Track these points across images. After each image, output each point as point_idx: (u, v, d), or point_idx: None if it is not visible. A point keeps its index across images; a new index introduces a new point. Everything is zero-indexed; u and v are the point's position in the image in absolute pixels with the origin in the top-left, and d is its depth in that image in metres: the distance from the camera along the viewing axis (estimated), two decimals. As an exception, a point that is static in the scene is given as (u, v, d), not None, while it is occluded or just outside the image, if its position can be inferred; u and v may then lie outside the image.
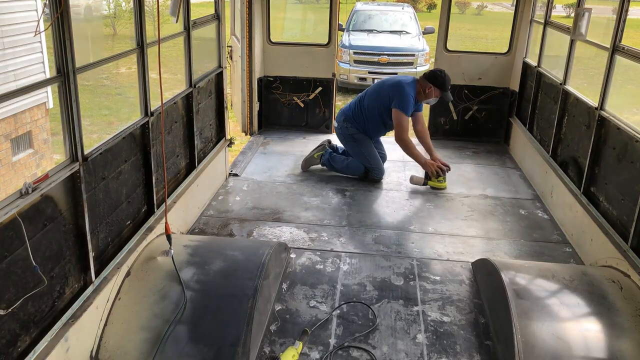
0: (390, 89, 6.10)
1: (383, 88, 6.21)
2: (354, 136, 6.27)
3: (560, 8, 22.12)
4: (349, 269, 4.47)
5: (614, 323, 3.48)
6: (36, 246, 2.86)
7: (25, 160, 9.45)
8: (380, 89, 6.23)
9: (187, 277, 3.70)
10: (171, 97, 4.61)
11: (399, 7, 16.70)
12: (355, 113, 6.30)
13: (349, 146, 6.36)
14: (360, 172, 6.26)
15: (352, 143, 6.30)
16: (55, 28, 2.95)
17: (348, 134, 6.30)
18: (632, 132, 4.15)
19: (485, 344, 3.66)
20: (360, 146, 6.24)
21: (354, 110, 6.32)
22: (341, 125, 6.37)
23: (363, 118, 6.25)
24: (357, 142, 6.25)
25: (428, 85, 6.05)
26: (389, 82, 6.27)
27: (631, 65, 4.46)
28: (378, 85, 6.34)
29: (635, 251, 3.90)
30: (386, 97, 6.09)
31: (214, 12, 5.55)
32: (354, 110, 6.32)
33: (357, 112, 6.29)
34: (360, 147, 6.24)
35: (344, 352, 3.55)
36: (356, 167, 6.27)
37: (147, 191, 4.19)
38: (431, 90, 6.07)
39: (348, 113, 6.35)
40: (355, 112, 6.31)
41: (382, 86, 6.26)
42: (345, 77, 13.73)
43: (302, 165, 6.51)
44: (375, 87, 6.37)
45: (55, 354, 2.92)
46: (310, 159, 6.49)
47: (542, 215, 5.53)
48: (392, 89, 6.08)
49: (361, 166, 6.24)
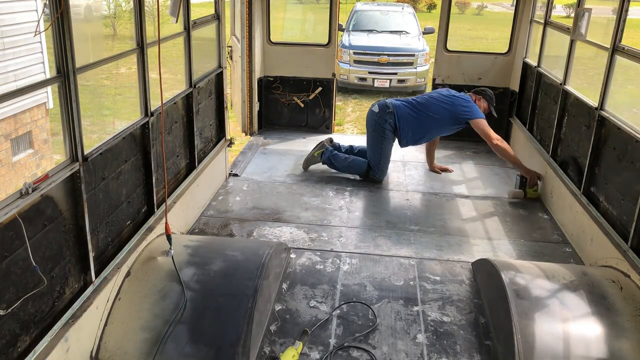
0: (461, 106, 6.04)
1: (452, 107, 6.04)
2: (385, 132, 6.09)
3: (560, 8, 22.12)
4: (349, 269, 4.47)
5: (614, 323, 3.48)
6: (36, 246, 2.86)
7: (26, 160, 9.46)
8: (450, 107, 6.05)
9: (187, 277, 3.70)
10: (171, 97, 4.62)
11: (399, 7, 16.70)
12: (407, 118, 6.07)
13: (373, 137, 6.17)
14: (362, 171, 6.19)
15: (378, 136, 6.12)
16: (55, 28, 2.95)
17: (382, 127, 6.09)
18: (632, 132, 4.15)
19: (486, 344, 3.66)
20: (384, 143, 6.11)
21: (407, 114, 6.08)
22: (381, 115, 6.09)
23: (418, 128, 6.09)
24: (384, 139, 6.11)
25: (478, 97, 6.25)
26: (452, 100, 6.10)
27: (631, 65, 4.46)
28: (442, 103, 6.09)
29: (635, 251, 3.90)
30: (460, 114, 6.01)
31: (214, 12, 5.55)
32: (406, 114, 6.08)
33: (410, 119, 6.08)
34: (383, 145, 6.11)
35: (344, 352, 3.55)
36: (358, 166, 6.20)
37: (147, 191, 4.19)
38: (481, 102, 6.23)
39: (399, 111, 6.08)
40: (408, 117, 6.08)
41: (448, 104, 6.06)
42: (345, 77, 13.73)
43: (303, 165, 6.47)
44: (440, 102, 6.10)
45: (55, 354, 2.92)
46: (310, 158, 6.45)
47: (542, 215, 5.53)
48: (462, 105, 6.04)
49: (363, 165, 6.16)
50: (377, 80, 13.68)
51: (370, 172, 6.16)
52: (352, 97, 13.96)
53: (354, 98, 13.87)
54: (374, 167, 6.14)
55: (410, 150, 7.36)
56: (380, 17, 15.80)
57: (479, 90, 6.36)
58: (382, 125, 6.09)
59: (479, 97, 6.26)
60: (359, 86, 13.96)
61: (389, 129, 6.10)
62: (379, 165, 6.13)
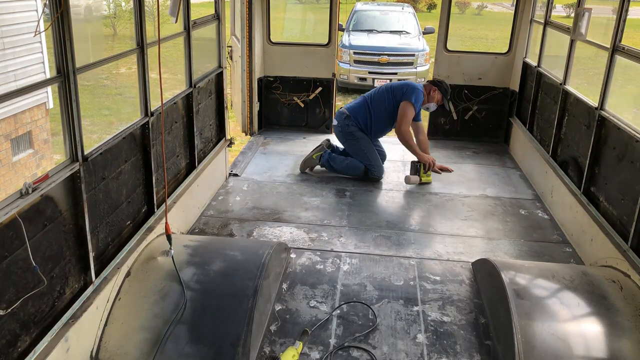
0: (404, 85, 6.26)
1: (395, 87, 6.30)
2: (354, 134, 6.27)
3: (560, 8, 22.12)
4: (349, 269, 4.47)
5: (614, 323, 3.48)
6: (36, 246, 2.86)
7: (26, 160, 9.46)
8: (392, 88, 6.31)
9: (187, 277, 3.70)
10: (171, 97, 4.62)
11: (399, 7, 16.69)
12: (360, 111, 6.31)
13: (349, 144, 6.35)
14: (360, 172, 6.25)
15: (352, 141, 6.30)
16: (55, 28, 2.95)
17: (348, 132, 6.29)
18: (632, 132, 4.15)
19: (486, 344, 3.66)
20: (360, 144, 6.26)
21: (359, 108, 6.33)
22: (341, 123, 6.33)
23: (369, 116, 6.27)
24: (357, 140, 6.26)
25: (433, 88, 6.34)
26: (400, 82, 6.41)
27: (631, 65, 4.46)
28: (388, 86, 6.40)
29: (635, 251, 3.90)
30: (399, 93, 6.19)
31: (214, 12, 5.55)
32: (358, 109, 6.33)
33: (362, 110, 6.30)
34: (360, 145, 6.25)
35: (344, 352, 3.55)
36: (356, 167, 6.27)
37: (147, 191, 4.19)
38: (435, 94, 6.32)
39: (351, 111, 6.34)
40: (360, 110, 6.31)
41: (393, 86, 6.35)
42: (345, 77, 13.73)
43: (301, 167, 6.47)
44: (385, 87, 6.40)
45: (55, 354, 2.92)
46: (309, 160, 6.46)
47: (542, 215, 5.53)
48: (405, 85, 6.25)
49: (361, 166, 6.23)
50: (377, 80, 13.67)
51: (368, 173, 6.25)
52: (352, 97, 13.95)
53: (354, 98, 13.73)
54: (369, 168, 6.23)
55: (410, 150, 7.36)
56: (380, 17, 15.79)
57: (436, 82, 6.45)
58: (347, 131, 6.30)
59: (434, 88, 6.36)
60: (359, 86, 13.95)
61: (355, 129, 6.28)
62: (372, 164, 6.23)
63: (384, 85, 6.51)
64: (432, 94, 6.32)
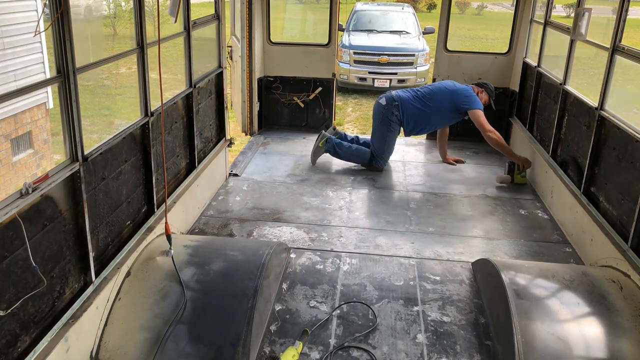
0: (464, 92, 6.41)
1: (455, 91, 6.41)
2: (392, 124, 6.42)
3: (560, 8, 22.12)
4: (349, 269, 4.47)
5: (614, 323, 3.48)
6: (36, 246, 2.86)
7: (26, 160, 9.46)
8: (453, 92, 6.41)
9: (187, 277, 3.70)
10: (171, 97, 4.62)
11: (399, 7, 16.69)
12: (410, 104, 6.39)
13: (380, 128, 6.48)
14: (365, 160, 6.47)
15: (385, 128, 6.44)
16: (55, 28, 2.95)
17: (388, 119, 6.41)
18: (632, 132, 4.15)
19: (486, 344, 3.66)
20: (389, 135, 6.45)
21: (411, 101, 6.40)
22: (388, 108, 6.41)
23: (419, 112, 6.38)
24: (390, 131, 6.44)
25: (480, 89, 6.60)
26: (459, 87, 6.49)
27: (631, 65, 4.46)
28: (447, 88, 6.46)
29: (635, 251, 3.90)
30: (459, 99, 6.35)
31: (214, 12, 5.55)
32: (410, 101, 6.40)
33: (413, 105, 6.39)
34: (388, 136, 6.45)
35: (344, 352, 3.55)
36: (362, 155, 6.49)
37: (147, 191, 4.19)
38: (483, 95, 6.58)
39: (403, 102, 6.40)
40: (411, 103, 6.39)
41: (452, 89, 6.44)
42: (345, 77, 13.73)
43: (312, 160, 6.63)
44: (445, 88, 6.47)
45: (55, 354, 2.92)
46: (316, 150, 6.60)
47: (542, 215, 5.53)
48: (465, 92, 6.41)
49: (367, 154, 6.45)
50: (377, 80, 13.68)
51: (373, 161, 6.45)
52: (352, 97, 13.97)
53: (354, 98, 13.87)
54: (377, 157, 6.44)
55: (410, 150, 7.37)
56: (380, 17, 15.80)
57: (481, 83, 6.70)
58: (388, 118, 6.41)
59: (482, 90, 6.60)
60: (359, 86, 13.96)
61: (395, 122, 6.42)
62: (382, 155, 6.45)
63: (441, 84, 6.60)
64: (480, 96, 6.52)
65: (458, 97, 6.38)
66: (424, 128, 6.62)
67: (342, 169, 6.60)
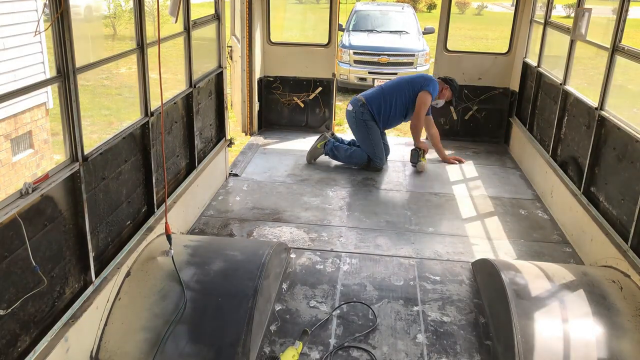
0: (422, 77, 6.64)
1: (414, 79, 6.64)
2: (367, 123, 6.48)
3: (560, 8, 22.12)
4: (349, 269, 4.47)
5: (614, 323, 3.48)
6: (36, 246, 2.86)
7: (26, 160, 9.46)
8: (411, 79, 6.63)
9: (187, 277, 3.70)
10: (171, 97, 4.61)
11: (399, 7, 16.69)
12: (375, 100, 6.52)
13: (359, 132, 6.55)
14: (363, 161, 6.50)
15: (363, 129, 6.51)
16: (55, 28, 2.95)
17: (362, 119, 6.49)
18: (632, 132, 4.15)
19: (486, 344, 3.66)
20: (370, 134, 6.48)
21: (375, 97, 6.55)
22: (356, 110, 6.53)
23: (384, 105, 6.50)
24: (368, 129, 6.49)
25: (445, 86, 6.66)
26: (418, 75, 6.87)
27: (631, 65, 4.46)
28: (406, 77, 6.75)
29: (635, 251, 3.90)
30: (417, 84, 6.49)
31: (214, 12, 5.55)
32: (374, 98, 6.55)
33: (378, 99, 6.52)
34: (370, 135, 6.48)
35: (344, 352, 3.55)
36: (359, 156, 6.51)
37: (147, 191, 4.19)
38: (446, 91, 6.65)
39: (367, 99, 6.55)
40: (376, 99, 6.53)
41: (411, 78, 6.70)
42: (345, 77, 13.73)
43: (307, 158, 6.68)
44: (403, 79, 6.74)
45: (55, 354, 2.92)
46: (314, 150, 6.66)
47: (542, 215, 5.53)
48: (423, 77, 6.65)
49: (364, 156, 6.48)
50: (377, 80, 13.65)
51: (370, 162, 6.49)
52: (352, 97, 13.94)
53: (370, 89, 13.84)
54: (372, 158, 6.48)
55: (410, 150, 7.36)
56: (380, 17, 15.79)
57: (448, 79, 6.73)
58: (361, 119, 6.51)
59: (446, 86, 6.68)
60: (359, 86, 13.91)
61: (369, 119, 6.51)
62: (375, 154, 6.48)
63: (399, 78, 6.84)
64: (443, 91, 6.62)
65: (417, 80, 6.58)
66: (391, 119, 6.64)
67: (342, 169, 6.60)
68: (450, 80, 6.71)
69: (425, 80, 6.54)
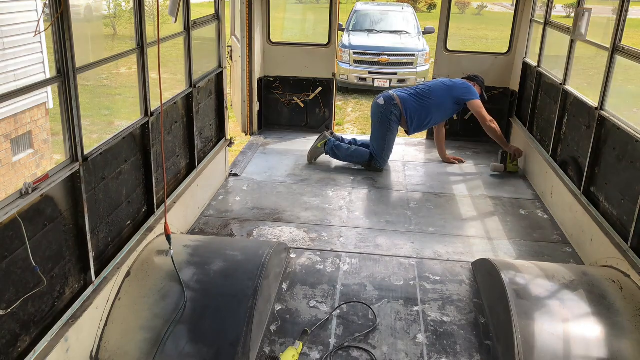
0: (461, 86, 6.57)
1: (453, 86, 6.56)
2: (391, 124, 6.45)
3: (560, 8, 22.12)
4: (349, 269, 4.47)
5: (614, 323, 3.48)
6: (36, 246, 2.86)
7: (26, 160, 9.46)
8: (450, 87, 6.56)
9: (187, 277, 3.70)
10: (171, 97, 4.62)
11: (399, 7, 16.70)
12: (410, 102, 6.44)
13: (380, 128, 6.50)
14: (364, 160, 6.49)
15: (384, 127, 6.46)
16: (55, 28, 2.95)
17: (388, 118, 6.43)
18: (632, 132, 4.15)
19: (486, 344, 3.66)
20: (389, 134, 6.47)
21: (410, 100, 6.46)
22: (387, 107, 6.44)
23: (422, 112, 6.46)
24: (390, 130, 6.46)
25: (473, 83, 6.70)
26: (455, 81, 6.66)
27: (631, 65, 4.46)
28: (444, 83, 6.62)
29: (635, 251, 3.90)
30: (458, 93, 6.50)
31: (214, 12, 5.55)
32: (409, 100, 6.46)
33: (413, 102, 6.45)
34: (387, 136, 6.46)
35: (344, 352, 3.55)
36: (360, 155, 6.51)
37: (147, 191, 4.19)
38: (477, 88, 6.65)
39: (402, 100, 6.45)
40: (411, 101, 6.45)
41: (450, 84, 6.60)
42: (345, 77, 13.73)
43: (308, 157, 6.67)
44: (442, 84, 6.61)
45: (55, 354, 2.92)
46: (314, 150, 6.64)
47: (542, 215, 5.53)
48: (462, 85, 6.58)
49: (366, 154, 6.47)
50: (377, 80, 13.68)
51: (372, 162, 6.46)
52: (352, 97, 13.97)
53: (354, 98, 13.87)
54: (376, 157, 6.45)
55: (410, 150, 7.38)
56: (380, 17, 15.80)
57: (471, 77, 6.80)
58: (387, 117, 6.42)
59: (474, 83, 6.71)
60: (359, 86, 13.96)
61: (395, 120, 6.45)
62: (382, 155, 6.45)
63: (438, 80, 6.78)
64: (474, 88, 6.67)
65: (457, 90, 6.53)
66: (425, 121, 6.60)
67: (342, 169, 6.61)
68: (475, 76, 6.78)
69: (465, 89, 6.54)
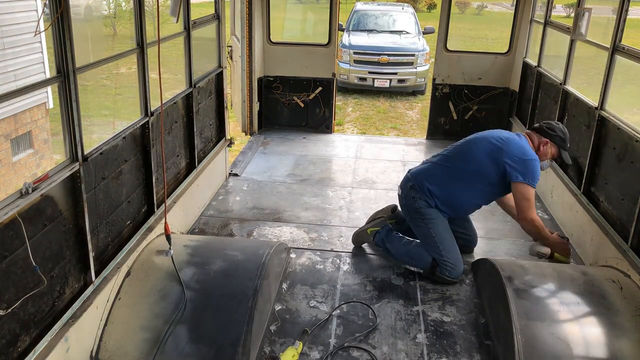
0: (509, 148, 4.23)
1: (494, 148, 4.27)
2: (422, 212, 4.37)
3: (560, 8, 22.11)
4: (349, 268, 4.47)
5: (614, 323, 3.48)
6: (36, 246, 2.86)
7: (26, 160, 9.45)
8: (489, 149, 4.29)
9: (187, 277, 3.70)
10: (171, 97, 4.62)
11: (399, 7, 16.69)
12: (435, 178, 4.41)
13: (415, 225, 4.47)
14: (426, 265, 4.35)
15: (420, 222, 4.41)
16: (55, 28, 2.95)
17: (414, 208, 4.41)
18: (632, 132, 4.15)
19: (485, 344, 3.66)
20: (431, 228, 4.35)
21: (434, 173, 4.43)
22: (406, 194, 4.47)
23: (450, 184, 4.37)
24: (427, 221, 4.37)
25: (543, 141, 4.41)
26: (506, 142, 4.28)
27: (631, 65, 4.46)
28: (476, 143, 4.40)
29: (635, 251, 3.90)
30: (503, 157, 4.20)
31: (214, 12, 5.55)
32: (432, 174, 4.43)
33: (440, 176, 4.41)
34: (431, 229, 4.35)
35: (344, 352, 3.55)
36: (421, 257, 4.39)
37: (147, 191, 4.19)
38: (547, 148, 4.40)
39: (419, 178, 4.44)
40: (436, 176, 4.42)
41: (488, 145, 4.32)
42: (345, 77, 13.73)
43: (353, 240, 4.87)
44: (473, 145, 4.42)
45: (55, 354, 2.92)
46: (362, 234, 4.81)
47: (542, 215, 5.52)
48: (509, 154, 4.21)
49: (428, 258, 4.34)
50: (377, 80, 13.68)
51: (437, 269, 4.30)
52: (352, 97, 13.96)
53: (354, 98, 13.87)
54: (439, 262, 4.30)
55: (410, 150, 7.37)
56: (380, 17, 15.80)
57: (546, 130, 4.44)
58: (413, 206, 4.42)
59: (546, 141, 4.40)
60: (359, 86, 13.96)
61: (424, 206, 4.37)
62: (443, 259, 4.28)
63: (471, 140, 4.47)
64: (543, 150, 4.40)
65: (503, 156, 4.21)
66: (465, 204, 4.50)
67: (342, 169, 6.61)
68: (550, 129, 4.43)
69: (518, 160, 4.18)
